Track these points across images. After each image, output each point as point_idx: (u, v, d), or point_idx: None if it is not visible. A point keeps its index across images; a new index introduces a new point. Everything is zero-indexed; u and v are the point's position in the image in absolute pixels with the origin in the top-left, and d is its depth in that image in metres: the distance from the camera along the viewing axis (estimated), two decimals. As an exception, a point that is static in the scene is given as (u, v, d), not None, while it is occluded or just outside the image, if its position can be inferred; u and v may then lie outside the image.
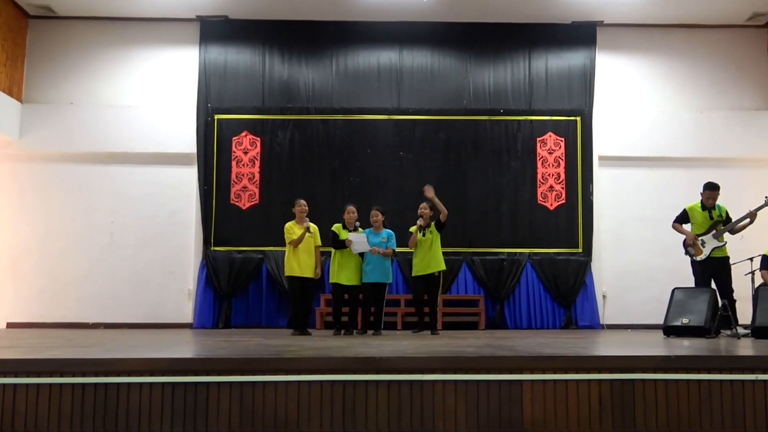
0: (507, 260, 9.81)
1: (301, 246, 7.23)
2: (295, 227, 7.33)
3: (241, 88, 10.11)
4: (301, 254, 7.24)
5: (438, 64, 10.21)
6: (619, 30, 10.30)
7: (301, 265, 7.23)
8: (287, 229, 7.34)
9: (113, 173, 10.02)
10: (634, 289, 9.84)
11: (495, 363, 3.47)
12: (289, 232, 7.30)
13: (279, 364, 3.40)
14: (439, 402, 3.35)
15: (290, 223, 7.40)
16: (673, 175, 9.96)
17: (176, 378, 3.29)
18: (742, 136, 10.10)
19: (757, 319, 6.55)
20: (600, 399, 3.42)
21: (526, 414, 3.38)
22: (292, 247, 7.24)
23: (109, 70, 10.19)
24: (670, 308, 7.10)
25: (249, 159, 9.98)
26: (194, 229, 9.88)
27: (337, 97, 10.11)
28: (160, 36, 10.24)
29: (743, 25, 10.30)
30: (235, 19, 10.17)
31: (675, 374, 3.47)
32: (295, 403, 3.31)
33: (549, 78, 10.19)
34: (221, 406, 3.28)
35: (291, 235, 7.26)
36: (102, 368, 3.29)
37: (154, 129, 10.00)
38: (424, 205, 7.63)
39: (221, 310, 9.59)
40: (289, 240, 7.27)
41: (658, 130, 10.13)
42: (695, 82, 10.31)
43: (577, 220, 9.92)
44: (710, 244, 7.28)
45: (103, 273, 9.81)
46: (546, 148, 10.04)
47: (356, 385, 3.34)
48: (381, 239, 7.33)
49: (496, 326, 9.61)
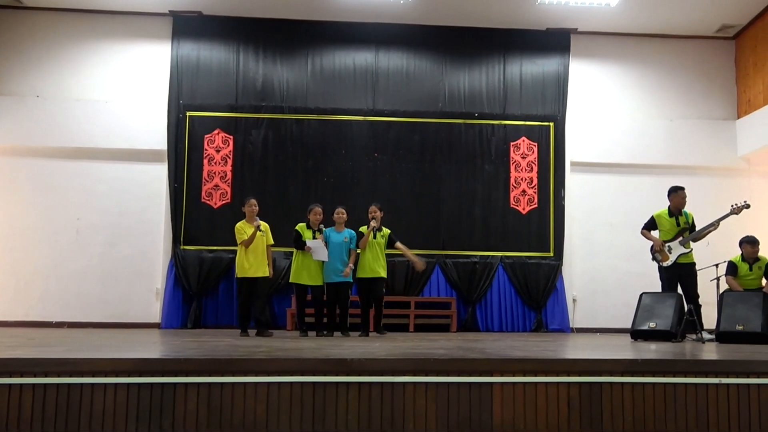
0: (479, 263, 9.86)
1: (253, 246, 7.17)
2: (246, 227, 7.27)
3: (214, 85, 10.00)
4: (252, 254, 7.19)
5: (414, 67, 10.23)
6: (592, 38, 10.44)
7: (252, 265, 7.18)
8: (238, 229, 7.28)
9: (80, 169, 9.82)
10: (604, 293, 9.97)
11: (466, 365, 3.48)
12: (240, 232, 7.23)
13: (248, 365, 3.36)
14: (409, 404, 3.35)
15: (241, 223, 7.33)
16: (642, 182, 10.12)
17: (142, 379, 3.23)
18: (710, 145, 10.31)
19: (721, 324, 6.70)
20: (569, 401, 3.45)
21: (495, 416, 3.39)
22: (244, 248, 7.18)
23: (78, 64, 9.99)
24: (638, 312, 7.22)
25: (221, 157, 9.87)
26: (163, 227, 9.73)
27: (312, 96, 10.06)
28: (131, 30, 10.07)
29: (713, 37, 10.52)
30: (209, 15, 10.05)
31: (642, 377, 3.52)
32: (264, 404, 3.27)
33: (523, 83, 10.28)
34: (188, 407, 3.22)
35: (242, 235, 7.20)
36: (65, 368, 3.22)
37: (124, 124, 9.82)
38: (373, 208, 7.55)
39: (190, 310, 9.45)
40: (240, 240, 7.20)
41: (629, 138, 10.29)
42: (666, 90, 10.49)
43: (549, 224, 10.02)
44: (677, 250, 7.42)
45: (68, 271, 9.61)
46: (519, 153, 10.13)
47: (326, 387, 3.31)
48: (344, 238, 7.29)
49: (467, 329, 9.65)
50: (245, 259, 7.19)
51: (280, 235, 7.82)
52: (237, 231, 7.27)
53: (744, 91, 10.35)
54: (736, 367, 3.61)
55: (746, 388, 3.53)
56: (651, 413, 3.48)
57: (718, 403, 3.52)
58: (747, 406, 3.52)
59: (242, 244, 7.18)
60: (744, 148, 10.17)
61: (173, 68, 9.97)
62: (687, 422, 3.49)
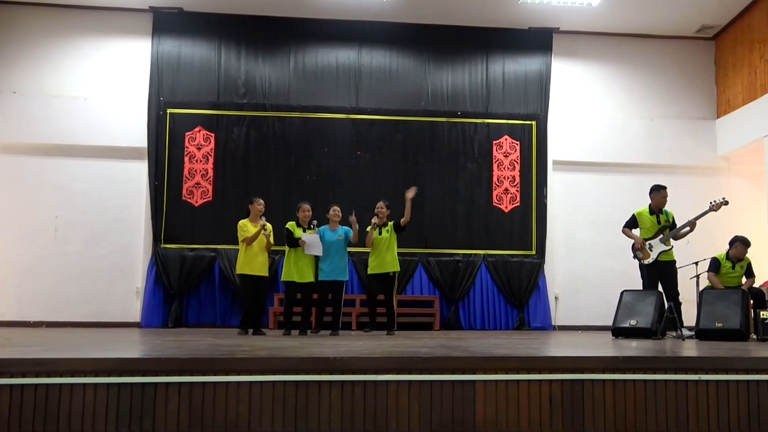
0: (462, 261, 9.88)
1: (255, 244, 7.15)
2: (249, 225, 7.26)
3: (195, 82, 9.91)
4: (255, 252, 7.16)
5: (397, 65, 10.22)
6: (574, 37, 10.51)
7: (255, 263, 7.14)
8: (241, 226, 7.25)
9: (59, 166, 9.68)
10: (585, 291, 10.04)
11: (448, 363, 3.48)
12: (243, 229, 7.21)
13: (230, 364, 3.33)
14: (392, 402, 3.34)
15: (244, 221, 7.31)
16: (623, 181, 10.21)
17: (122, 378, 3.18)
18: (689, 145, 10.42)
19: (700, 321, 6.77)
20: (551, 399, 3.46)
21: (478, 414, 3.40)
22: (246, 245, 7.15)
23: (57, 60, 9.84)
24: (619, 310, 7.28)
25: (202, 155, 9.79)
26: (144, 225, 9.63)
27: (295, 94, 10.01)
28: (111, 26, 9.95)
29: (692, 37, 10.63)
30: (190, 12, 9.96)
31: (623, 374, 3.55)
32: (246, 404, 3.24)
33: (506, 82, 10.31)
34: (169, 407, 3.19)
35: (245, 233, 7.17)
36: (43, 368, 3.16)
37: (103, 121, 9.70)
38: (380, 204, 7.64)
39: (171, 309, 9.36)
40: (243, 237, 7.17)
41: (611, 137, 10.37)
42: (646, 90, 10.59)
43: (531, 222, 10.06)
44: (657, 248, 7.49)
45: (46, 269, 9.47)
46: (502, 152, 10.16)
47: (309, 386, 3.29)
48: (338, 236, 7.30)
49: (450, 327, 9.67)
50: (247, 256, 7.15)
51: (262, 233, 7.76)
52: (240, 228, 7.25)
53: (723, 91, 10.48)
54: (716, 364, 3.65)
55: (725, 384, 3.58)
56: (632, 410, 3.51)
57: (698, 400, 3.55)
58: (726, 402, 3.56)
59: (244, 241, 7.15)
60: (723, 147, 10.30)
61: (153, 65, 9.86)
62: (667, 418, 3.52)
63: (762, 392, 3.58)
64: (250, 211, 7.36)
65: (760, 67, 9.54)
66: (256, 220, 7.28)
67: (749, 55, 9.79)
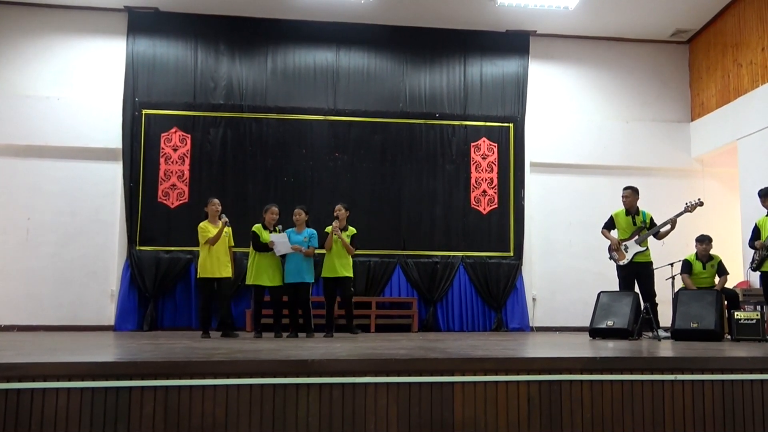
0: (440, 263, 9.89)
1: (219, 244, 7.11)
2: (210, 226, 7.21)
3: (171, 82, 9.80)
4: (215, 254, 7.11)
5: (374, 67, 10.21)
6: (551, 40, 10.59)
7: (217, 265, 7.11)
8: (202, 228, 7.21)
9: (30, 167, 9.49)
10: (562, 292, 10.11)
11: (427, 365, 3.47)
12: (205, 231, 7.16)
13: (206, 367, 3.29)
14: (370, 404, 3.32)
15: (204, 223, 7.28)
16: (599, 183, 10.31)
17: (96, 383, 3.12)
18: (664, 147, 10.56)
19: (676, 321, 6.86)
20: (529, 399, 3.48)
21: (456, 415, 3.40)
22: (209, 247, 7.10)
23: (28, 59, 9.66)
24: (596, 311, 7.35)
25: (178, 156, 9.68)
26: (118, 227, 9.49)
27: (272, 95, 9.95)
28: (84, 25, 9.79)
29: (667, 41, 10.78)
30: (166, 12, 9.84)
31: (600, 375, 3.57)
32: (223, 407, 3.20)
33: (483, 84, 10.36)
34: (144, 411, 3.14)
35: (207, 234, 7.12)
36: (14, 373, 3.10)
37: (77, 122, 9.54)
38: (339, 207, 7.59)
39: (146, 312, 9.23)
40: (204, 240, 7.11)
41: (587, 139, 10.47)
42: (622, 93, 10.71)
43: (509, 224, 10.11)
44: (633, 249, 7.57)
45: (17, 272, 9.28)
46: (480, 153, 10.20)
47: (286, 388, 3.27)
48: (303, 238, 7.26)
49: (428, 328, 9.67)
50: (209, 259, 7.10)
51: (239, 235, 7.70)
52: (200, 230, 7.19)
53: (697, 95, 10.64)
54: (691, 364, 3.69)
55: (701, 384, 3.62)
56: (609, 410, 3.53)
57: (674, 399, 3.59)
58: (701, 402, 3.61)
59: (207, 242, 7.09)
60: (697, 149, 10.46)
61: (128, 65, 9.73)
62: (644, 418, 3.56)
63: (736, 392, 3.63)
64: (207, 214, 7.31)
65: (733, 70, 9.71)
66: (215, 220, 7.24)
67: (722, 59, 9.95)
